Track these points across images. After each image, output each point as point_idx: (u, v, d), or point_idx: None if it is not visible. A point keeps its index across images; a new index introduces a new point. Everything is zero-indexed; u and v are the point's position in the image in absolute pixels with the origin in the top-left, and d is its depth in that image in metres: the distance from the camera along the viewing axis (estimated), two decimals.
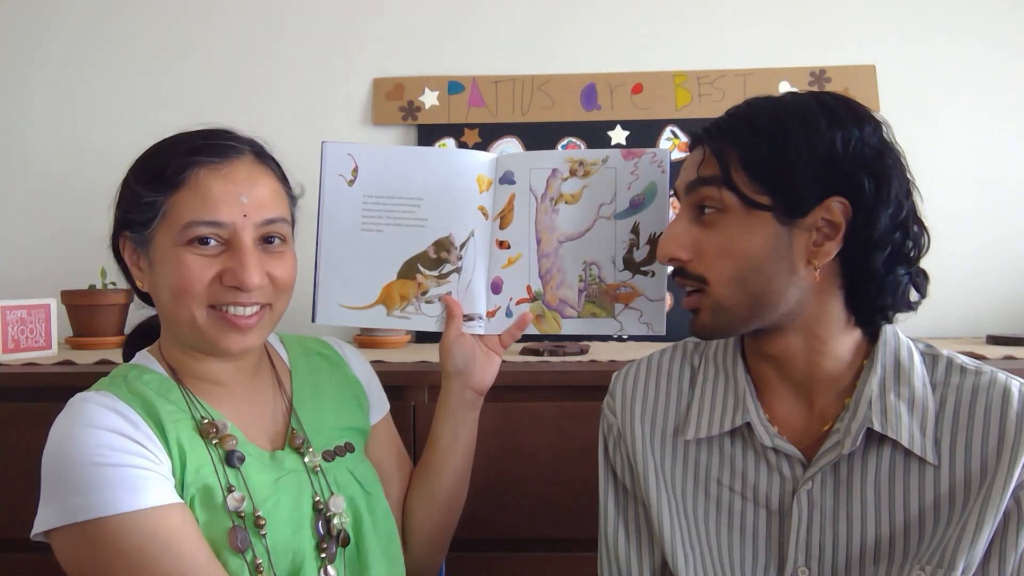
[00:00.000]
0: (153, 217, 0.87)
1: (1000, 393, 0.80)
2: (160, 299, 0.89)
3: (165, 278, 0.87)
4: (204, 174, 0.87)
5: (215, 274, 0.86)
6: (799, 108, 0.81)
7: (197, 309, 0.86)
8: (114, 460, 0.79)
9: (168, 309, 0.89)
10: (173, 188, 0.86)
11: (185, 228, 0.85)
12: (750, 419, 0.86)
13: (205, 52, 1.82)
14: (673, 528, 0.88)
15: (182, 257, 0.85)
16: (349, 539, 0.92)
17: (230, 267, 0.86)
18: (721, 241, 0.82)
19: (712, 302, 0.83)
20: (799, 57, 1.78)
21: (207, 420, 0.87)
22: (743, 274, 0.81)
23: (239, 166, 0.89)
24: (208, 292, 0.86)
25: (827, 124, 0.79)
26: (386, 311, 1.07)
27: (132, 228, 0.89)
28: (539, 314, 1.06)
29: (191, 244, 0.86)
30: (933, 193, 1.69)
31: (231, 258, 0.86)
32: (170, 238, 0.86)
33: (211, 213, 0.85)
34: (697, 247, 0.84)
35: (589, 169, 1.05)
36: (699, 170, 0.84)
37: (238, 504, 0.84)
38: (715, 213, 0.83)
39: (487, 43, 1.82)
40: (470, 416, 1.08)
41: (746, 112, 0.84)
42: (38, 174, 1.83)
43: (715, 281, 0.82)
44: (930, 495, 0.80)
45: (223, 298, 0.87)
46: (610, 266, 1.04)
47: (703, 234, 0.83)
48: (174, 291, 0.86)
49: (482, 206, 1.07)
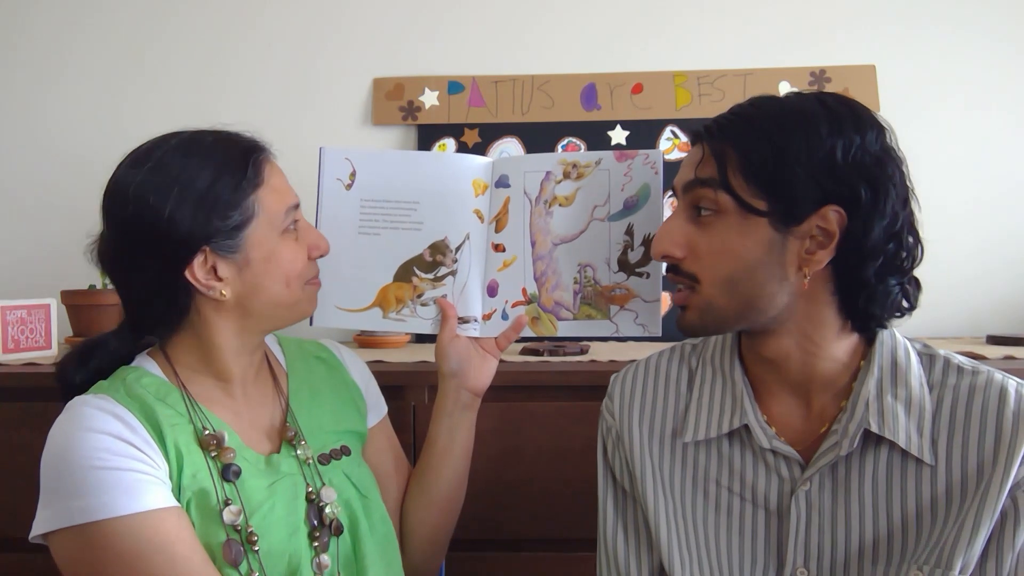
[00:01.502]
0: (251, 217, 0.89)
1: (997, 393, 0.80)
2: (263, 293, 0.90)
3: (273, 267, 0.90)
4: (267, 167, 0.93)
5: (303, 254, 0.94)
6: (801, 112, 0.80)
7: (299, 289, 0.93)
8: (112, 464, 0.79)
9: (270, 295, 0.91)
10: (257, 186, 0.90)
11: (287, 215, 0.92)
12: (748, 421, 0.86)
13: (205, 52, 1.82)
14: (670, 530, 0.88)
15: (288, 245, 0.92)
16: (342, 528, 0.92)
17: (314, 241, 0.96)
18: (715, 243, 0.82)
19: (702, 301, 0.83)
20: (799, 57, 1.77)
21: (208, 431, 0.88)
22: (734, 276, 0.81)
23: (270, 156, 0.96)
24: (306, 270, 0.95)
25: (828, 130, 0.78)
26: (382, 313, 1.07)
27: (220, 236, 0.87)
28: (535, 316, 1.07)
29: (287, 232, 0.92)
30: (933, 193, 1.73)
31: (307, 235, 0.96)
32: (272, 231, 0.90)
33: (294, 197, 0.94)
34: (691, 246, 0.84)
35: (582, 171, 1.05)
36: (697, 170, 0.83)
37: (234, 518, 0.84)
38: (711, 215, 0.82)
39: (487, 43, 1.82)
40: (467, 417, 1.08)
41: (748, 112, 0.83)
42: (39, 174, 1.83)
43: (706, 281, 0.83)
44: (927, 495, 0.80)
45: (312, 271, 0.97)
46: (605, 268, 1.05)
47: (698, 234, 0.83)
48: (288, 278, 0.92)
49: (477, 210, 1.07)
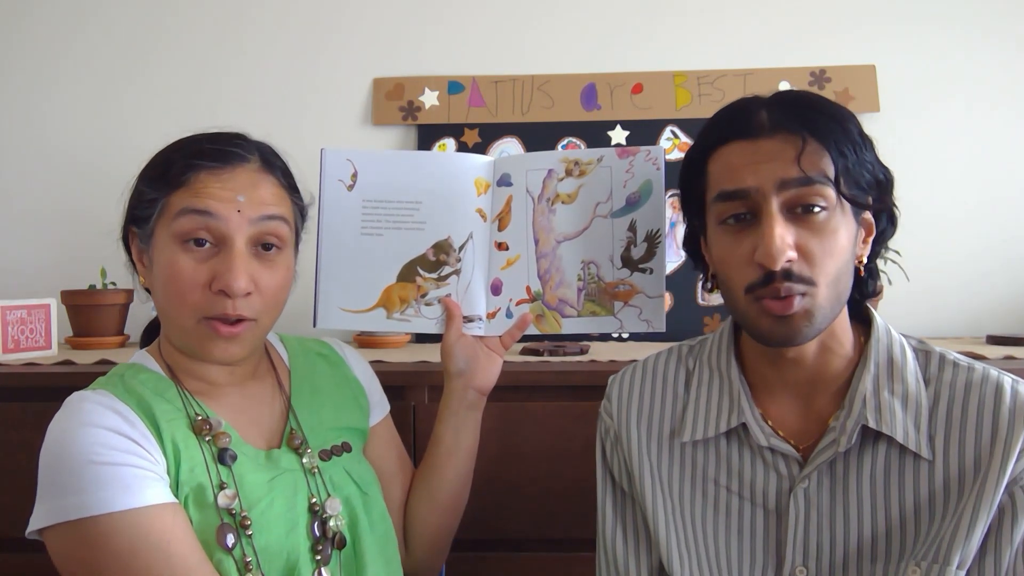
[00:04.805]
0: (152, 213, 0.88)
1: (993, 389, 0.81)
2: (157, 298, 0.91)
3: (161, 277, 0.88)
4: (204, 177, 0.87)
5: (205, 280, 0.86)
6: (840, 107, 0.84)
7: (188, 318, 0.87)
8: (110, 459, 0.79)
9: (163, 308, 0.90)
10: (174, 187, 0.87)
11: (178, 216, 0.86)
12: (745, 419, 0.86)
13: (205, 52, 1.82)
14: (669, 530, 0.88)
15: (176, 257, 0.86)
16: (345, 541, 0.92)
17: (219, 271, 0.85)
18: (827, 242, 0.79)
19: (815, 304, 0.79)
20: (799, 57, 1.78)
21: (201, 418, 0.87)
22: (839, 273, 0.80)
23: (241, 173, 0.89)
24: (200, 302, 0.86)
25: (856, 126, 0.83)
26: (386, 314, 1.07)
27: (137, 224, 0.91)
28: (539, 314, 1.07)
29: (186, 244, 0.86)
30: (933, 193, 1.74)
31: (220, 262, 0.86)
32: (167, 232, 0.87)
33: (203, 203, 0.85)
34: (802, 248, 0.79)
35: (584, 168, 1.06)
36: (804, 166, 0.78)
37: (229, 501, 0.84)
38: (823, 212, 0.79)
39: (487, 43, 1.82)
40: (472, 417, 1.08)
41: (817, 103, 0.82)
42: (39, 175, 1.83)
43: (822, 283, 0.79)
44: (925, 490, 0.80)
45: (213, 309, 0.86)
46: (608, 264, 1.05)
47: (807, 233, 0.79)
48: (168, 294, 0.87)
49: (480, 208, 1.07)
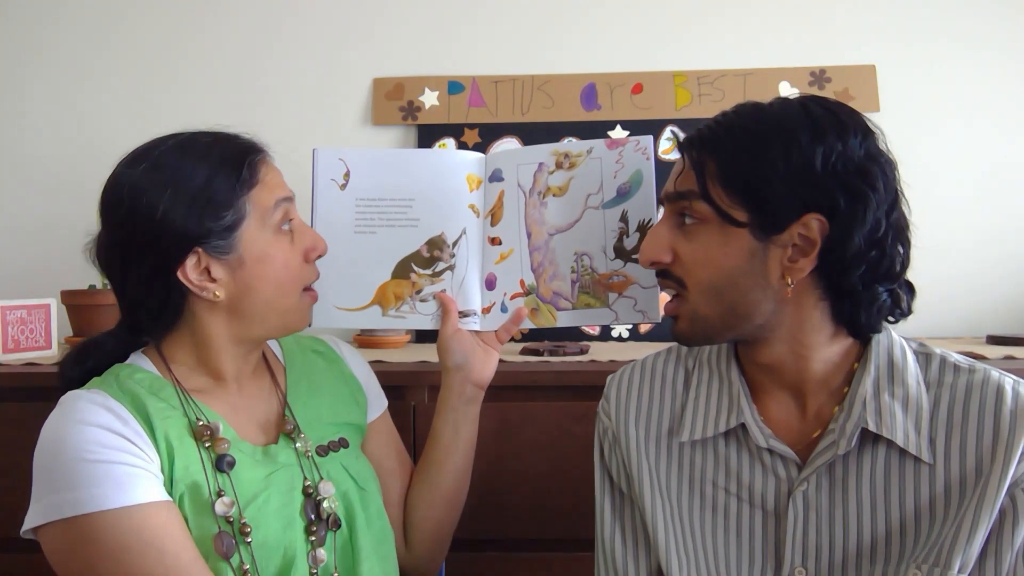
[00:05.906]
0: (243, 216, 0.88)
1: (994, 391, 0.80)
2: (255, 295, 0.89)
3: (268, 269, 0.89)
4: (263, 168, 0.92)
5: (301, 255, 0.93)
6: (782, 120, 0.80)
7: (293, 295, 0.92)
8: (103, 456, 0.79)
9: (265, 300, 0.90)
10: (252, 187, 0.89)
11: (276, 207, 0.90)
12: (745, 420, 0.85)
13: (205, 53, 1.83)
14: (667, 532, 0.87)
15: (281, 244, 0.90)
16: (340, 522, 0.92)
17: (310, 243, 0.94)
18: (698, 251, 0.83)
19: (689, 309, 0.84)
20: (799, 57, 1.78)
21: (202, 423, 0.87)
22: (717, 285, 0.82)
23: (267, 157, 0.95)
24: (303, 275, 0.93)
25: (809, 138, 0.78)
26: (381, 311, 1.07)
27: (213, 237, 0.86)
28: (534, 308, 1.07)
29: (283, 231, 0.91)
30: (933, 193, 1.74)
31: (303, 235, 0.94)
32: (265, 226, 0.89)
33: (287, 191, 0.93)
34: (676, 252, 0.85)
35: (575, 161, 1.06)
36: (677, 183, 0.85)
37: (226, 510, 0.84)
38: (694, 223, 0.83)
39: (487, 43, 1.82)
40: (471, 412, 1.08)
41: (728, 122, 0.83)
42: (39, 174, 1.83)
43: (692, 288, 0.84)
44: (925, 494, 0.80)
45: (310, 277, 0.95)
46: (601, 256, 1.05)
47: (682, 241, 0.84)
48: (280, 281, 0.90)
49: (473, 204, 1.07)
